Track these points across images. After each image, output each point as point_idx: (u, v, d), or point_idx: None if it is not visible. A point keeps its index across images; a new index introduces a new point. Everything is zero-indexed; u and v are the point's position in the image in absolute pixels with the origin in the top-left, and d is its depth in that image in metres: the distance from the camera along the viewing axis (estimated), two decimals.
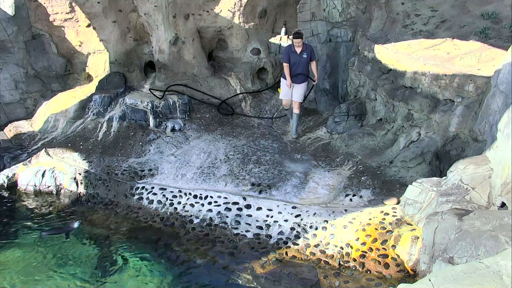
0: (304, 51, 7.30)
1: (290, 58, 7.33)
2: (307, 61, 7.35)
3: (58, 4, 8.65)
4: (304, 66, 7.38)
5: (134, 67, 9.23)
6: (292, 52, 7.33)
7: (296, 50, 7.29)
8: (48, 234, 5.89)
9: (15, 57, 8.66)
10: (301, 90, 7.53)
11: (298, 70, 7.37)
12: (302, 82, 7.46)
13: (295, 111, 7.69)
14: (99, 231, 5.97)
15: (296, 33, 7.28)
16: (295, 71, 7.37)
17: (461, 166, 5.01)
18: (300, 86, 7.49)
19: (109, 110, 8.17)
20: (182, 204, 6.14)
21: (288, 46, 7.61)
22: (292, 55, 7.33)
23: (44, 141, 8.02)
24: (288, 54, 7.35)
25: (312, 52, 7.44)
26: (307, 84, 7.55)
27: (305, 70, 7.41)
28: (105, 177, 6.84)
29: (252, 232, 5.61)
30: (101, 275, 5.16)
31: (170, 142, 7.71)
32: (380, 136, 6.85)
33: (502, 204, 4.35)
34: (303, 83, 7.48)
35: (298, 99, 7.57)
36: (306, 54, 7.31)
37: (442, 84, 5.95)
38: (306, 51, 7.32)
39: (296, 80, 7.42)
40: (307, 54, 7.32)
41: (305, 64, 7.36)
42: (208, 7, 8.77)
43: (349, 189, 6.20)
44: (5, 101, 8.76)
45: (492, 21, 6.60)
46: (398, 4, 7.52)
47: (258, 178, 6.59)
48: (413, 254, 4.72)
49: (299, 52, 7.29)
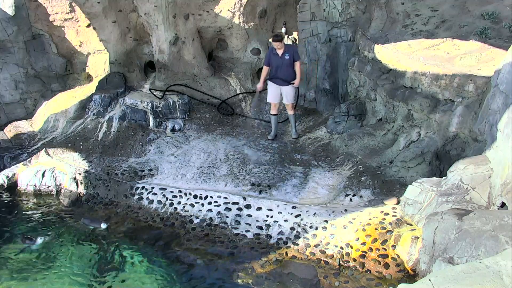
0: (286, 53, 7.23)
1: (271, 61, 7.29)
2: (290, 62, 7.26)
3: (58, 4, 8.65)
4: (288, 68, 7.29)
5: (134, 67, 9.23)
6: (274, 55, 7.27)
7: (278, 53, 7.24)
8: (87, 222, 6.10)
9: (15, 57, 8.66)
10: (290, 91, 7.44)
11: (282, 72, 7.30)
12: (288, 84, 7.36)
13: (289, 112, 7.66)
14: (99, 231, 5.98)
15: (275, 35, 7.25)
16: (278, 73, 7.31)
17: (461, 166, 5.01)
18: (288, 87, 7.39)
19: (109, 110, 8.17)
20: (182, 204, 6.14)
21: (270, 48, 7.52)
22: (274, 57, 7.27)
23: (44, 141, 8.02)
24: (269, 57, 7.31)
25: (295, 52, 7.37)
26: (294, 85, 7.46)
27: (290, 72, 7.31)
28: (105, 177, 6.84)
29: (252, 232, 5.61)
30: (101, 275, 5.16)
31: (170, 142, 7.71)
32: (380, 136, 6.85)
33: (502, 204, 4.35)
34: (290, 84, 7.40)
35: (289, 101, 7.51)
36: (288, 55, 7.23)
37: (442, 84, 5.95)
38: (288, 52, 7.24)
39: (281, 83, 7.36)
40: (289, 55, 7.24)
41: (288, 65, 7.27)
42: (208, 7, 8.76)
43: (349, 189, 6.20)
44: (5, 101, 8.76)
45: (492, 21, 6.60)
46: (398, 4, 7.52)
47: (258, 178, 6.59)
48: (413, 254, 4.72)
49: (280, 54, 7.23)
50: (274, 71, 7.38)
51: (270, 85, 7.52)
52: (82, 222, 6.14)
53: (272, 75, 7.41)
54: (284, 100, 7.52)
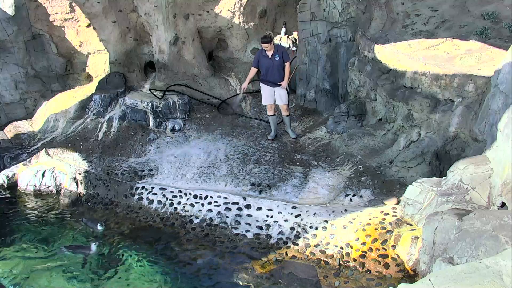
0: (276, 54, 7.18)
1: (260, 63, 7.25)
2: (281, 63, 7.22)
3: (58, 4, 8.64)
4: (278, 69, 7.25)
5: (134, 67, 9.22)
6: (263, 56, 7.22)
7: (268, 54, 7.19)
8: (67, 250, 5.59)
9: (15, 57, 8.65)
10: (282, 92, 7.39)
11: (272, 73, 7.25)
12: (278, 85, 7.32)
13: (283, 113, 7.63)
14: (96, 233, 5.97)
15: (263, 37, 7.16)
16: (269, 75, 7.27)
17: (461, 166, 5.01)
18: (280, 88, 7.35)
19: (109, 110, 8.17)
20: (182, 204, 6.14)
21: (259, 50, 7.46)
22: (263, 59, 7.22)
23: (44, 141, 8.02)
24: (258, 59, 7.27)
25: (284, 53, 7.30)
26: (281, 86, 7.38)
27: (281, 73, 7.26)
28: (105, 177, 6.84)
29: (252, 232, 5.61)
30: (101, 275, 5.16)
31: (170, 142, 7.71)
32: (380, 136, 6.85)
33: (502, 204, 4.35)
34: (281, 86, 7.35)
35: (283, 102, 7.45)
36: (278, 56, 7.19)
37: (442, 84, 5.95)
38: (278, 53, 7.19)
39: (272, 84, 7.32)
40: (279, 56, 7.19)
41: (279, 66, 7.23)
42: (208, 7, 8.76)
43: (349, 189, 6.20)
44: (5, 101, 8.75)
45: (492, 21, 6.60)
46: (398, 4, 7.51)
47: (258, 178, 6.59)
48: (413, 254, 4.72)
49: (270, 56, 7.19)
50: (264, 73, 7.32)
51: (263, 87, 7.46)
52: (82, 221, 6.14)
53: (263, 77, 7.37)
54: (278, 101, 7.47)
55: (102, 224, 6.00)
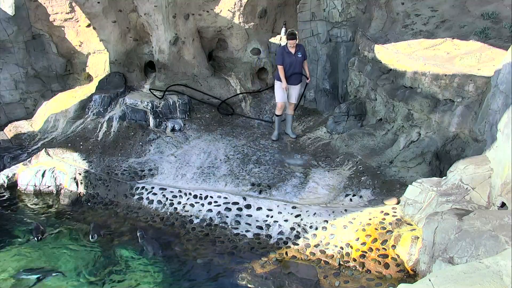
0: (298, 51, 7.24)
1: (284, 60, 7.24)
2: (302, 60, 7.31)
3: (58, 4, 8.64)
4: (300, 66, 7.34)
5: (134, 67, 9.22)
6: (287, 53, 7.24)
7: (291, 51, 7.23)
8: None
9: (15, 57, 8.65)
10: (298, 91, 7.53)
11: (295, 70, 7.31)
12: (298, 83, 7.44)
13: (289, 112, 7.66)
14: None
15: (291, 33, 7.18)
16: (292, 71, 7.30)
17: (461, 166, 5.01)
18: (297, 87, 7.48)
19: (109, 110, 8.17)
20: (182, 204, 6.14)
21: (281, 47, 7.49)
22: (287, 56, 7.24)
23: (44, 141, 8.01)
24: (283, 55, 7.26)
25: (304, 50, 7.43)
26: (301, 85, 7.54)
27: (302, 70, 7.39)
28: (105, 177, 6.84)
29: (252, 232, 5.61)
30: (101, 275, 5.16)
31: (170, 142, 7.71)
32: (380, 136, 6.85)
33: (502, 204, 4.35)
34: (300, 84, 7.47)
35: (295, 100, 7.57)
36: (301, 53, 7.27)
37: (442, 84, 5.95)
38: (300, 51, 7.26)
39: (293, 82, 7.37)
40: (301, 53, 7.27)
41: (300, 64, 7.32)
42: (208, 7, 8.76)
43: (349, 189, 6.20)
44: (5, 101, 8.75)
45: (492, 21, 6.60)
46: (398, 4, 7.52)
47: (258, 178, 6.59)
48: (413, 254, 4.72)
49: (294, 53, 7.24)
50: (287, 70, 7.29)
51: (281, 85, 7.36)
52: (139, 238, 5.67)
53: (286, 74, 7.30)
54: (291, 100, 7.53)
55: (159, 251, 5.44)
